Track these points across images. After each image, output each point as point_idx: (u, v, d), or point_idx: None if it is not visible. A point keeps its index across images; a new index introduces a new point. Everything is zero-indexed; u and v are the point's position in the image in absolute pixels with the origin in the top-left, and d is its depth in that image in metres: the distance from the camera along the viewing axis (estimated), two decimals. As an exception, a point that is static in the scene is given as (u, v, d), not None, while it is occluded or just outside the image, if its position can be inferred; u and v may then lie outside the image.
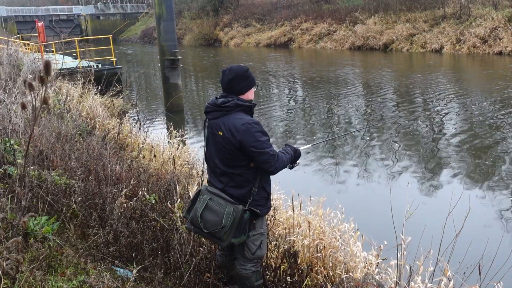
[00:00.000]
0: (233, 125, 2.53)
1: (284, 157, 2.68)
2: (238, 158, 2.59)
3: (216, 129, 2.62)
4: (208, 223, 2.59)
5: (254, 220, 2.69)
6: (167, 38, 11.50)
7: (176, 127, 7.18)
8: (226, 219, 2.53)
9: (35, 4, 66.88)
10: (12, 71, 7.81)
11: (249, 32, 34.59)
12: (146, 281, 2.89)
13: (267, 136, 2.58)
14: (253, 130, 2.51)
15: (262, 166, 2.59)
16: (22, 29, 48.29)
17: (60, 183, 3.50)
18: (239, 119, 2.54)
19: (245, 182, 2.64)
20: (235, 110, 2.58)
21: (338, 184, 6.49)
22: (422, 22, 23.87)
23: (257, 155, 2.53)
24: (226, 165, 2.64)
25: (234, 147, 2.55)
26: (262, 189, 2.70)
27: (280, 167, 2.64)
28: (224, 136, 2.56)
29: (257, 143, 2.50)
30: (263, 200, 2.71)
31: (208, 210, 2.61)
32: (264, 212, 2.74)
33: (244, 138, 2.50)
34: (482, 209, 5.37)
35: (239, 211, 2.55)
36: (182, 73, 13.17)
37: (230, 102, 2.58)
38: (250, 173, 2.62)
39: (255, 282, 2.80)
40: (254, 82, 2.70)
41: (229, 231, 2.55)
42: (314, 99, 13.12)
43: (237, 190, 2.64)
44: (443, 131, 8.79)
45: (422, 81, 14.50)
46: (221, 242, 2.64)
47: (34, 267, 2.48)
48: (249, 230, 2.67)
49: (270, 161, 2.55)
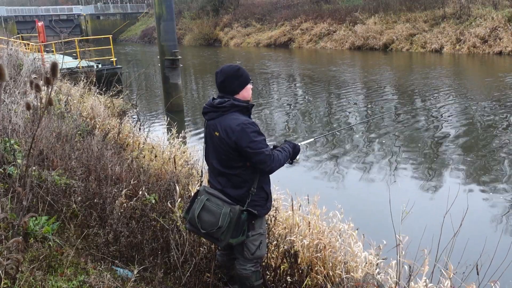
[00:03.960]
0: (228, 126, 2.53)
1: (280, 155, 2.66)
2: (234, 159, 2.58)
3: (213, 130, 2.63)
4: (205, 223, 2.60)
5: (253, 220, 2.67)
6: (167, 38, 11.50)
7: (176, 127, 7.17)
8: (223, 220, 2.53)
9: (35, 4, 66.87)
10: (12, 71, 7.81)
11: (249, 32, 34.57)
12: (146, 281, 2.89)
13: (263, 136, 2.58)
14: (248, 131, 2.50)
15: (258, 166, 2.58)
16: (22, 29, 48.24)
17: (60, 183, 3.51)
18: (234, 119, 2.54)
19: (242, 182, 2.63)
20: (231, 110, 2.58)
21: (338, 183, 6.49)
22: (422, 22, 23.85)
23: (252, 156, 2.52)
24: (223, 166, 2.64)
25: (230, 148, 2.55)
26: (261, 190, 2.69)
27: (276, 166, 2.62)
28: (220, 136, 2.56)
29: (252, 144, 2.49)
30: (262, 200, 2.70)
31: (205, 210, 2.61)
32: (263, 213, 2.73)
33: (239, 138, 2.49)
34: (481, 209, 5.37)
35: (236, 212, 2.54)
36: (182, 73, 13.16)
37: (226, 103, 2.57)
38: (247, 173, 2.62)
39: (254, 282, 2.79)
40: (247, 80, 2.66)
41: (226, 231, 2.54)
42: (314, 99, 13.11)
43: (234, 191, 2.64)
44: (443, 130, 8.79)
45: (421, 81, 14.49)
46: (219, 243, 2.64)
47: (34, 267, 2.49)
48: (248, 231, 2.67)
49: (266, 161, 2.54)
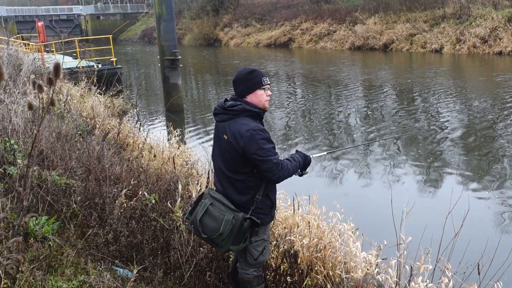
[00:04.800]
0: (237, 131, 2.46)
1: (290, 165, 2.58)
2: (240, 164, 2.52)
3: (221, 132, 2.57)
4: (207, 228, 2.56)
5: (257, 227, 2.62)
6: (167, 38, 11.50)
7: (176, 127, 7.17)
8: (225, 227, 2.48)
9: (35, 4, 66.84)
10: (12, 71, 7.81)
11: (249, 32, 34.57)
12: (146, 281, 2.89)
13: (272, 144, 2.50)
14: (257, 137, 2.42)
15: (265, 175, 2.51)
16: (22, 29, 48.21)
17: (60, 183, 3.51)
18: (244, 124, 2.46)
19: (246, 189, 2.57)
20: (242, 114, 2.50)
21: (338, 183, 6.49)
22: (422, 22, 23.85)
23: (260, 163, 2.45)
24: (228, 169, 2.58)
25: (237, 153, 2.48)
26: (267, 197, 2.62)
27: (284, 175, 2.54)
28: (229, 140, 2.50)
29: (260, 151, 2.43)
30: (267, 208, 2.64)
31: (207, 215, 2.58)
32: (267, 221, 2.67)
33: (247, 144, 2.42)
34: (481, 209, 5.37)
35: (239, 219, 2.49)
36: (182, 73, 13.16)
37: (238, 106, 2.51)
38: (253, 180, 2.55)
39: (256, 286, 2.77)
40: (257, 84, 2.54)
41: (227, 238, 2.51)
42: (314, 98, 13.11)
43: (239, 196, 2.58)
44: (443, 131, 8.78)
45: (421, 81, 14.49)
46: (219, 248, 2.61)
47: (34, 267, 2.49)
48: (251, 236, 2.63)
49: (274, 169, 2.47)
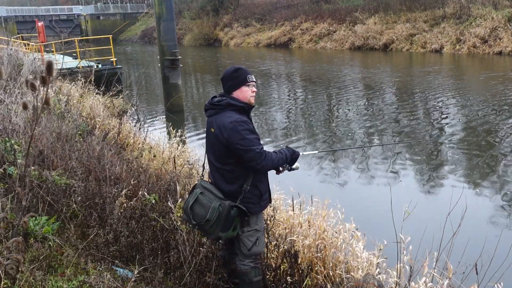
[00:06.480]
0: (222, 123, 2.62)
1: (274, 156, 2.71)
2: (226, 155, 2.66)
3: (210, 126, 2.74)
4: (196, 215, 2.72)
5: (247, 217, 2.73)
6: (167, 38, 11.50)
7: (176, 127, 7.17)
8: (211, 213, 2.62)
9: (35, 4, 66.88)
10: (12, 71, 7.81)
11: (249, 32, 34.59)
12: (146, 281, 2.89)
13: (256, 135, 2.64)
14: (240, 128, 2.56)
15: (248, 164, 2.63)
16: (22, 29, 48.24)
17: (60, 183, 3.51)
18: (228, 117, 2.62)
19: (234, 178, 2.70)
20: (227, 109, 2.66)
21: (338, 183, 6.49)
22: (422, 22, 23.86)
23: (243, 153, 2.58)
24: (217, 161, 2.74)
25: (222, 145, 2.63)
26: (255, 187, 2.73)
27: (268, 165, 2.67)
28: (215, 133, 2.66)
29: (242, 141, 2.56)
30: (255, 198, 2.75)
31: (197, 203, 2.74)
32: (255, 211, 2.77)
33: (230, 135, 2.56)
34: (482, 209, 5.37)
35: (225, 207, 2.61)
36: (182, 73, 13.16)
37: (223, 101, 2.68)
38: (239, 169, 2.68)
39: (253, 278, 2.83)
40: (242, 82, 2.71)
41: (215, 225, 2.64)
42: (313, 98, 13.11)
43: (227, 186, 2.72)
44: (443, 130, 8.79)
45: (421, 81, 14.49)
46: (209, 235, 2.76)
47: (34, 267, 2.49)
48: (243, 226, 2.74)
49: (257, 158, 2.59)
